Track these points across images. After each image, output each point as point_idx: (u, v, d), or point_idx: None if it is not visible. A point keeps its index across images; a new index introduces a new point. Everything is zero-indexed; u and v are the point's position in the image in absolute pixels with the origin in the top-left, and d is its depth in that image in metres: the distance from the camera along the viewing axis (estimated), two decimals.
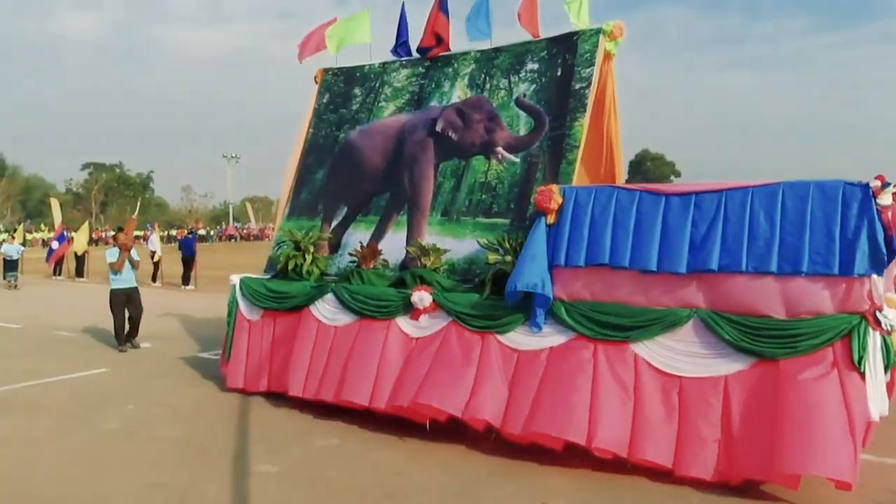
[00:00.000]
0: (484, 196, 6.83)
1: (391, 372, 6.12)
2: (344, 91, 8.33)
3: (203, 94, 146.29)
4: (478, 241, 6.36)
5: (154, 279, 21.03)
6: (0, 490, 4.89)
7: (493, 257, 6.01)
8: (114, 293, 9.90)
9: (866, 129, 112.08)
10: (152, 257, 21.36)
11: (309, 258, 7.24)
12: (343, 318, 6.71)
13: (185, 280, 20.18)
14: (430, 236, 6.92)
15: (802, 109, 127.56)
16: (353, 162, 7.85)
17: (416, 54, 7.89)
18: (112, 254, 9.94)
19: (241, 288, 7.60)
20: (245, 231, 77.69)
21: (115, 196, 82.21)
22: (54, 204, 29.95)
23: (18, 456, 5.65)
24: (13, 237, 28.47)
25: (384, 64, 8.14)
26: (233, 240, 70.84)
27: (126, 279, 9.95)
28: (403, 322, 6.36)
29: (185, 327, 12.04)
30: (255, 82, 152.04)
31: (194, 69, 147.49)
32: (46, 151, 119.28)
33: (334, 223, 7.76)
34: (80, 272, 23.97)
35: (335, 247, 7.60)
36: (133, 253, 10.00)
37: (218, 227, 79.49)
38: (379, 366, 6.21)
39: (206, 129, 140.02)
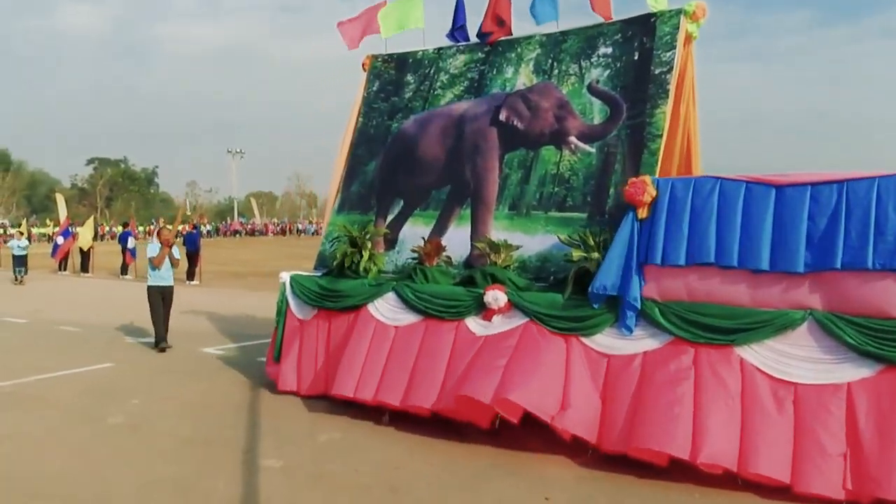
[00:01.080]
0: (556, 189, 6.42)
1: (458, 373, 5.72)
2: (395, 78, 7.91)
3: (207, 90, 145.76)
4: (558, 238, 5.95)
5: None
6: (3, 486, 4.81)
7: (577, 254, 5.60)
8: (150, 290, 9.50)
9: (867, 127, 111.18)
10: None
11: (366, 255, 6.83)
12: (405, 318, 6.31)
13: (190, 275, 20.01)
14: (498, 231, 6.51)
15: (802, 106, 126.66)
16: (409, 153, 7.44)
17: (474, 39, 7.47)
18: (153, 248, 9.53)
19: (291, 286, 7.20)
20: (250, 226, 77.48)
21: (120, 191, 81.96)
22: (59, 199, 29.72)
23: (22, 451, 5.55)
24: (21, 233, 28.18)
25: (439, 49, 7.72)
26: (237, 235, 70.64)
27: (164, 277, 9.54)
28: (473, 322, 5.97)
29: (190, 322, 11.83)
30: (259, 78, 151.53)
31: (197, 65, 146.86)
32: (51, 147, 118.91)
33: (390, 218, 7.35)
34: (85, 267, 23.77)
35: (392, 243, 7.19)
36: (174, 251, 9.59)
37: (223, 222, 79.30)
38: (447, 369, 5.83)
39: (211, 125, 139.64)
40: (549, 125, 6.61)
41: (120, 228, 42.38)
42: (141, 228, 54.87)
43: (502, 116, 6.88)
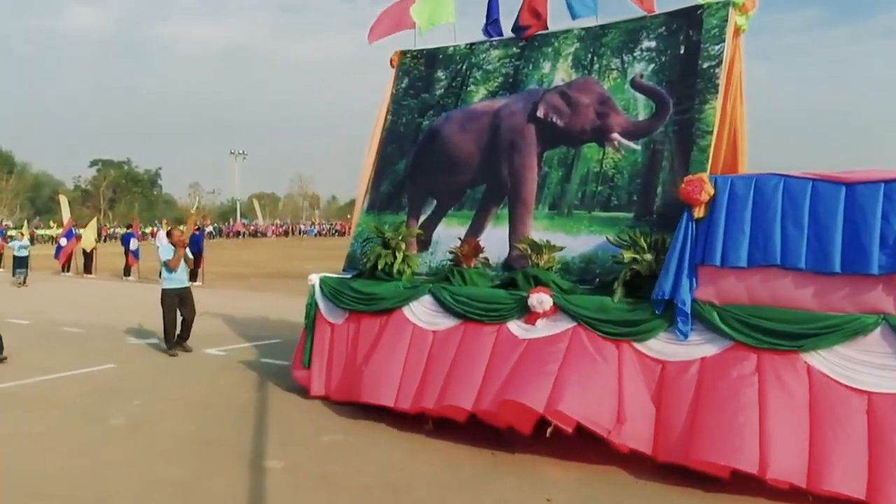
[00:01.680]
0: (600, 187, 6.18)
1: (499, 375, 5.47)
2: (425, 75, 7.68)
3: (209, 91, 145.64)
4: (606, 238, 5.71)
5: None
6: (3, 485, 4.82)
7: (628, 255, 5.36)
8: (166, 294, 9.23)
9: (867, 127, 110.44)
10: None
11: (400, 256, 6.60)
12: (443, 322, 6.07)
13: (192, 276, 19.76)
14: (537, 232, 6.27)
15: (803, 106, 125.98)
16: (442, 151, 7.20)
17: (509, 33, 7.23)
18: (166, 251, 9.26)
19: (321, 288, 6.96)
20: (252, 227, 77.38)
21: (123, 193, 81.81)
22: (63, 201, 29.61)
23: (23, 451, 5.54)
24: (21, 234, 27.99)
25: (471, 45, 7.48)
26: (240, 236, 70.54)
27: (179, 279, 9.29)
28: (515, 326, 5.73)
29: (193, 323, 11.76)
30: (260, 78, 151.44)
31: (199, 65, 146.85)
32: (55, 149, 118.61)
33: (422, 218, 7.11)
34: (88, 269, 23.70)
35: (425, 244, 6.95)
36: (187, 251, 9.35)
37: (226, 223, 79.26)
38: (486, 370, 5.58)
39: (213, 126, 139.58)
40: (590, 122, 6.38)
41: (122, 230, 42.33)
42: (145, 230, 54.73)
43: (540, 113, 6.65)
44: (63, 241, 24.86)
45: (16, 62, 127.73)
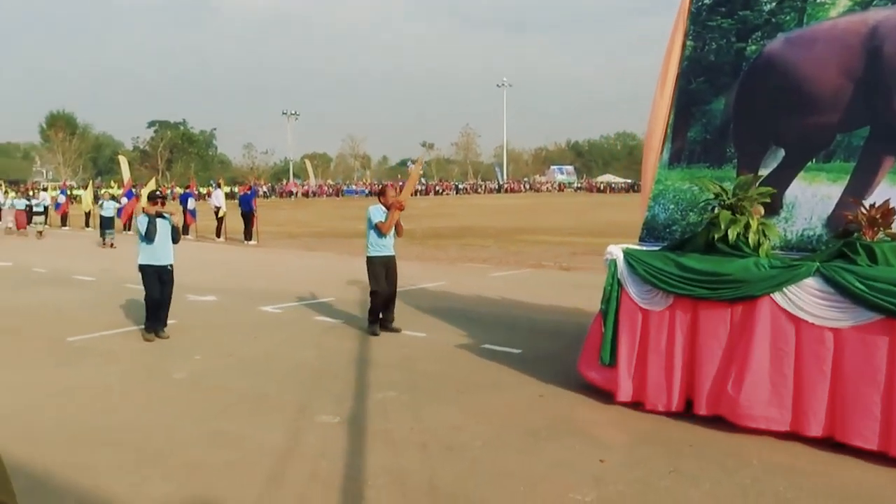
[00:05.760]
0: None
1: None
2: None
3: (264, 52, 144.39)
4: None
5: (218, 234, 21.34)
6: (76, 434, 4.96)
7: None
8: (371, 261, 7.73)
9: None
10: (217, 213, 21.71)
11: (754, 224, 4.95)
12: (849, 318, 4.43)
13: (247, 235, 20.11)
14: None
15: None
16: (786, 84, 5.45)
17: None
18: (377, 212, 7.75)
19: (629, 264, 5.36)
20: (304, 188, 76.83)
21: (180, 153, 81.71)
22: (122, 161, 29.19)
23: (94, 402, 5.69)
24: (111, 195, 27.25)
25: None
26: (292, 196, 70.06)
27: (388, 245, 7.77)
28: None
29: (248, 281, 12.23)
30: (314, 40, 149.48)
31: (255, 27, 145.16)
32: (114, 110, 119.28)
33: (762, 171, 5.42)
34: None
35: (773, 207, 5.27)
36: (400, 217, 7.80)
37: (279, 183, 78.97)
38: None
39: (267, 87, 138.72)
40: None
41: (180, 190, 41.91)
42: (200, 190, 54.19)
43: None
44: (124, 201, 24.46)
45: (76, 27, 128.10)
